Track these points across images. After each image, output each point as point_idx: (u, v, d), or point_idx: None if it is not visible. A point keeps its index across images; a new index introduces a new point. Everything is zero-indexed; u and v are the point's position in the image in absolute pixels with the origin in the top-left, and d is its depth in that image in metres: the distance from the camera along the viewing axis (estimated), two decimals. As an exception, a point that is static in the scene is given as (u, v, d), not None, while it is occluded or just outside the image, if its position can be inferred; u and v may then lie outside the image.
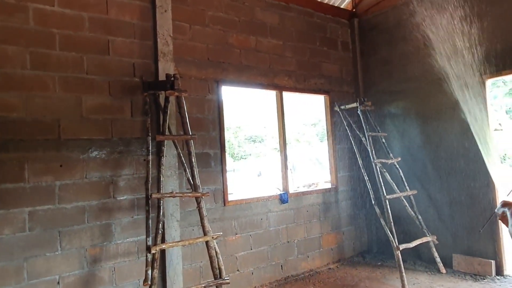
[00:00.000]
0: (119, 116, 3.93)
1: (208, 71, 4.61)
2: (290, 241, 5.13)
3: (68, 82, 3.66)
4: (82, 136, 3.69)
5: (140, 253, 3.89)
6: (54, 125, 3.55)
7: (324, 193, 5.66)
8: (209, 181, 4.45)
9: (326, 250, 5.53)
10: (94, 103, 3.78)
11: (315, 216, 5.45)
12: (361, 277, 4.97)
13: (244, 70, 4.95)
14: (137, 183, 3.95)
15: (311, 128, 22.10)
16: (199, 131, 4.40)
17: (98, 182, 3.73)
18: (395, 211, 5.18)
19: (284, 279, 4.95)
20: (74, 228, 3.56)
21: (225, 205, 4.55)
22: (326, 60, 5.94)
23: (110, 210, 3.77)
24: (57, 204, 3.50)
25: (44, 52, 3.56)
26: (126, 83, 4.00)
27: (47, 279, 3.39)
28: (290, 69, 5.44)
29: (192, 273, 4.21)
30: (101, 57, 3.88)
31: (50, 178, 3.48)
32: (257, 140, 21.46)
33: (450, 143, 5.06)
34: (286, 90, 5.38)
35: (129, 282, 3.80)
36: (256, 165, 16.37)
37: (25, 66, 3.45)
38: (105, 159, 3.79)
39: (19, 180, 3.34)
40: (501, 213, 1.48)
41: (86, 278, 3.58)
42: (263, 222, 4.89)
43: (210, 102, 4.61)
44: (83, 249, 3.58)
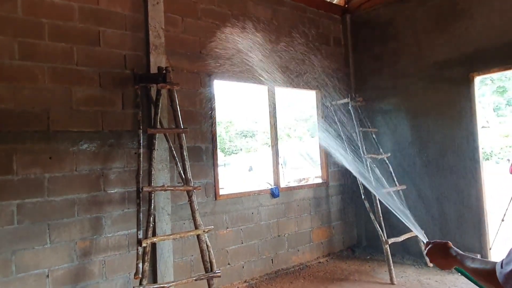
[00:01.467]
0: (110, 109, 3.88)
1: (200, 64, 4.58)
2: (280, 235, 5.16)
3: (58, 73, 3.60)
4: (72, 128, 3.64)
5: (131, 246, 3.87)
6: (43, 117, 3.50)
7: (315, 187, 5.70)
8: (201, 175, 4.44)
9: (316, 244, 5.58)
10: (84, 95, 3.73)
11: (305, 211, 5.49)
12: (350, 271, 5.03)
13: (236, 65, 4.91)
14: (128, 176, 3.92)
15: (302, 124, 22.16)
16: (190, 125, 4.38)
17: (88, 175, 3.70)
18: (384, 206, 5.23)
19: (275, 273, 4.98)
20: (64, 221, 3.52)
21: (216, 199, 4.55)
22: (318, 55, 5.94)
23: (100, 203, 3.74)
24: (46, 197, 3.45)
25: (32, 42, 3.49)
26: (117, 75, 3.95)
27: (36, 273, 3.35)
28: (283, 65, 5.43)
29: (183, 266, 4.21)
30: (92, 48, 3.82)
31: (39, 170, 3.43)
32: (248, 135, 21.46)
33: (439, 139, 5.13)
34: (278, 86, 5.37)
35: (119, 276, 3.79)
36: (247, 160, 16.38)
37: (13, 57, 3.38)
38: (95, 152, 3.75)
39: (7, 172, 3.29)
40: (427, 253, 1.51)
41: (76, 271, 3.55)
42: (254, 216, 4.90)
43: (202, 95, 4.59)
44: (72, 242, 3.55)
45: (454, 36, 4.95)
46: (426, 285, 4.37)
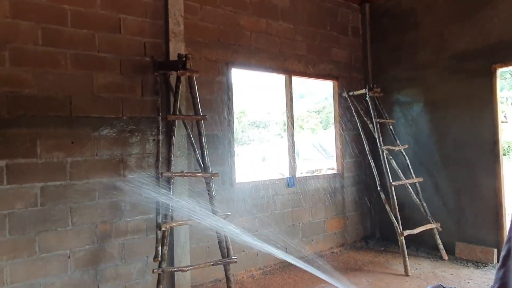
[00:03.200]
0: (130, 95, 3.94)
1: (218, 52, 4.59)
2: (295, 224, 5.19)
3: (80, 59, 3.66)
4: (93, 114, 3.70)
5: (149, 231, 3.95)
6: (66, 102, 3.57)
7: (330, 178, 5.70)
8: (217, 163, 4.48)
9: (330, 234, 5.60)
10: (105, 82, 3.79)
11: (320, 201, 5.50)
12: (364, 262, 5.04)
13: (254, 53, 4.92)
14: (146, 162, 3.98)
15: (315, 115, 22.05)
16: (208, 113, 4.39)
17: (108, 160, 3.77)
18: (400, 198, 5.21)
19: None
20: (85, 204, 3.61)
21: (232, 186, 4.59)
22: (336, 45, 5.89)
23: (120, 188, 3.81)
24: (69, 180, 3.54)
25: (55, 28, 3.54)
26: (137, 62, 3.99)
27: (58, 253, 3.45)
28: (300, 54, 5.41)
29: (199, 252, 4.28)
30: (113, 35, 3.86)
31: (61, 154, 3.51)
32: (260, 125, 21.46)
33: (458, 132, 5.06)
34: (296, 75, 5.36)
35: (138, 259, 3.87)
36: (259, 150, 16.41)
37: (37, 42, 3.45)
38: (115, 138, 3.82)
39: (31, 155, 3.38)
40: None
41: (97, 253, 3.65)
42: (269, 205, 4.93)
43: (220, 84, 4.61)
44: (93, 225, 3.64)
45: (476, 26, 4.84)
46: (441, 278, 4.36)
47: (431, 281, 4.25)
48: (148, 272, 3.91)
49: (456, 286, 4.07)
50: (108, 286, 3.69)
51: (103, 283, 3.66)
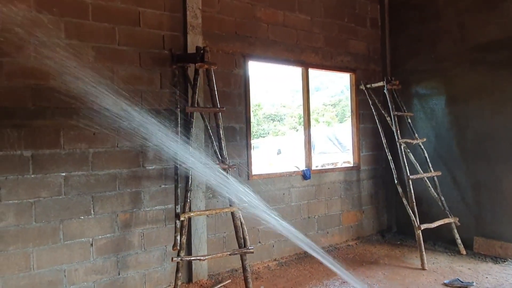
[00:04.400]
0: (149, 88, 4.00)
1: (235, 45, 4.61)
2: (310, 217, 5.21)
3: (101, 52, 3.74)
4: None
5: (167, 220, 4.03)
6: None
7: (346, 171, 5.68)
8: (234, 155, 4.52)
9: (346, 227, 5.60)
10: (125, 74, 3.86)
11: (336, 194, 5.50)
12: (380, 255, 5.04)
13: (271, 46, 4.92)
14: (165, 153, 4.05)
15: (331, 109, 21.89)
16: (225, 105, 4.42)
17: (128, 151, 3.85)
18: (417, 191, 5.15)
19: (304, 253, 5.05)
20: (106, 194, 3.71)
21: (249, 179, 4.64)
22: (354, 37, 5.83)
23: (139, 179, 3.90)
24: (91, 171, 3.64)
25: (78, 21, 3.62)
26: (155, 55, 4.05)
27: (81, 241, 3.57)
28: (317, 46, 5.38)
29: (215, 242, 4.35)
30: (132, 28, 3.92)
31: (84, 145, 3.61)
32: (276, 118, 21.43)
33: (478, 125, 4.96)
34: (312, 67, 5.34)
35: (157, 247, 3.97)
36: (274, 143, 16.41)
37: (60, 36, 3.53)
38: (135, 129, 3.89)
39: (55, 146, 3.48)
40: None
41: (117, 241, 3.75)
42: (285, 197, 4.96)
43: (236, 76, 4.63)
44: (114, 214, 3.74)
45: (501, 16, 4.71)
46: (459, 272, 4.32)
47: (448, 275, 4.22)
48: (167, 260, 4.01)
49: (474, 281, 4.03)
50: (129, 273, 3.80)
51: (124, 270, 3.78)
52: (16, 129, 3.30)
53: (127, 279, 3.80)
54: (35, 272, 3.34)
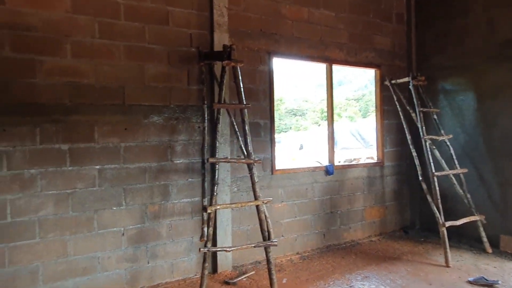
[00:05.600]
0: (177, 85, 4.14)
1: (260, 42, 4.69)
2: (333, 212, 5.26)
3: (132, 51, 3.89)
4: (144, 103, 3.95)
5: (194, 213, 4.18)
6: (120, 91, 3.83)
7: (370, 167, 5.69)
8: (259, 150, 4.62)
9: (369, 222, 5.62)
10: (154, 72, 4.01)
11: (359, 189, 5.52)
12: (403, 251, 5.04)
13: (295, 42, 4.97)
14: (192, 148, 4.20)
15: (354, 103, 21.67)
16: (250, 101, 4.51)
17: (157, 145, 4.01)
18: (442, 188, 5.10)
19: (326, 247, 5.12)
20: (137, 187, 3.89)
21: (272, 173, 4.73)
22: (379, 32, 5.79)
23: (167, 172, 4.06)
24: (122, 164, 3.82)
25: (110, 22, 3.79)
26: (183, 53, 4.18)
27: (114, 230, 3.77)
28: (342, 42, 5.38)
29: (240, 235, 4.48)
30: (161, 27, 4.06)
31: (116, 140, 3.79)
32: (297, 113, 21.39)
33: (506, 122, 4.86)
34: (336, 63, 5.36)
35: (184, 238, 4.13)
36: (296, 138, 16.43)
37: (94, 35, 3.71)
38: (163, 125, 4.05)
39: (89, 140, 3.68)
40: None
41: (147, 232, 3.93)
42: (308, 192, 5.03)
43: (261, 73, 4.71)
44: (144, 205, 3.92)
45: (532, 10, 4.59)
46: (484, 270, 4.28)
47: (473, 273, 4.20)
48: (193, 251, 4.16)
49: (500, 280, 3.99)
50: (157, 262, 3.98)
51: (153, 259, 3.96)
52: (54, 124, 3.50)
53: (156, 267, 3.98)
54: (71, 258, 3.55)
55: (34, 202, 3.40)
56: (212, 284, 3.99)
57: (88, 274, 3.62)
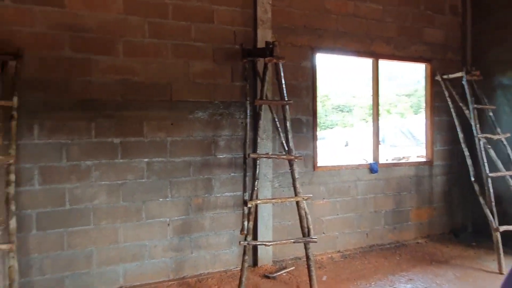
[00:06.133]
0: (221, 81, 4.25)
1: (303, 38, 4.66)
2: (377, 211, 5.13)
3: (179, 49, 4.05)
4: (189, 99, 4.10)
5: (236, 207, 4.28)
6: (167, 88, 4.00)
7: (417, 166, 5.46)
8: (300, 146, 4.61)
9: (415, 224, 5.41)
10: (199, 69, 4.14)
11: (405, 189, 5.33)
12: (452, 255, 4.80)
13: (339, 37, 4.88)
14: (235, 144, 4.29)
15: (405, 99, 20.78)
16: (292, 98, 4.49)
17: (201, 140, 4.15)
18: (497, 190, 4.78)
19: (369, 247, 5.02)
20: (181, 180, 4.06)
21: (314, 170, 4.71)
22: (430, 25, 5.52)
23: (211, 166, 4.19)
24: (168, 157, 4.00)
25: (159, 21, 3.96)
26: (227, 50, 4.27)
27: (160, 220, 3.97)
28: (389, 36, 5.20)
29: (280, 230, 4.52)
30: (206, 25, 4.18)
31: (163, 134, 3.98)
32: (344, 110, 20.93)
33: None
34: (383, 58, 5.19)
35: (225, 231, 4.25)
36: (342, 135, 16.10)
37: (144, 35, 3.90)
38: (208, 120, 4.18)
39: (139, 135, 3.89)
40: None
41: (190, 223, 4.10)
42: (351, 190, 4.95)
43: (304, 69, 4.69)
44: (188, 198, 4.08)
45: None
46: (543, 280, 3.97)
47: (530, 282, 3.90)
48: (234, 244, 4.27)
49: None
50: (200, 253, 4.14)
51: (196, 250, 4.12)
52: (107, 119, 3.75)
53: (199, 258, 4.14)
54: (122, 245, 3.80)
55: (89, 192, 3.67)
56: (252, 277, 4.07)
57: (136, 261, 3.85)
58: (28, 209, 3.43)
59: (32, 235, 3.45)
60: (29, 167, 3.44)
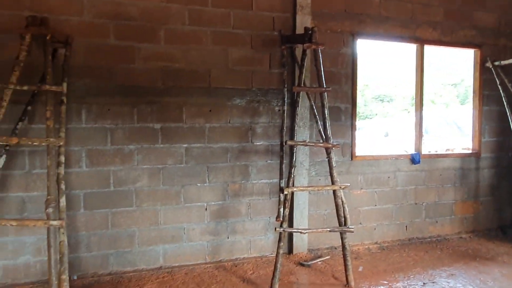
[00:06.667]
0: (258, 68, 4.24)
1: (344, 23, 4.53)
2: (418, 203, 4.95)
3: (218, 36, 4.08)
4: (227, 86, 4.13)
5: (272, 194, 4.30)
6: (206, 75, 4.06)
7: (463, 158, 5.20)
8: (338, 135, 4.53)
9: (459, 218, 5.17)
10: (238, 56, 4.16)
11: (449, 181, 5.09)
12: (498, 252, 4.56)
13: (382, 22, 4.70)
14: (271, 131, 4.29)
15: (451, 89, 19.78)
16: (331, 85, 4.39)
17: (239, 127, 4.19)
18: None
19: (408, 240, 4.87)
20: (219, 165, 4.12)
21: (352, 159, 4.61)
22: (481, 8, 5.17)
23: (248, 153, 4.22)
24: (206, 143, 4.08)
25: (199, 9, 4.00)
26: (266, 36, 4.25)
27: (198, 205, 4.07)
28: (436, 20, 4.94)
29: (316, 218, 4.49)
30: (245, 12, 4.17)
31: (201, 120, 4.05)
32: (384, 99, 20.27)
33: None
34: (429, 44, 4.94)
35: (261, 217, 4.29)
36: (382, 125, 15.62)
37: (184, 22, 3.96)
38: (245, 107, 4.20)
39: (178, 120, 3.98)
40: None
41: (227, 208, 4.17)
42: (390, 180, 4.81)
43: (344, 56, 4.58)
44: (225, 183, 4.15)
45: None
46: None
47: None
48: (270, 230, 4.30)
49: None
50: (236, 238, 4.21)
51: (232, 235, 4.19)
52: (149, 105, 3.87)
53: (235, 243, 4.21)
54: (162, 227, 3.94)
55: (132, 174, 3.83)
56: (287, 264, 4.09)
57: (175, 242, 3.99)
58: (77, 189, 3.65)
59: (80, 213, 3.67)
60: (77, 149, 3.64)
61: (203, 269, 3.98)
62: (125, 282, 3.65)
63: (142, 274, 3.79)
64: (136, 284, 3.61)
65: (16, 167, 3.48)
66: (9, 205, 3.48)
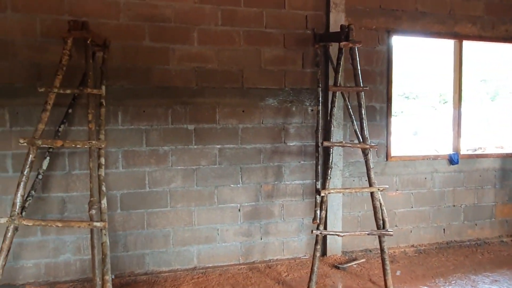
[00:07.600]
0: (291, 67, 4.18)
1: (379, 20, 4.41)
2: (456, 205, 4.77)
3: (250, 36, 4.04)
4: (260, 86, 4.09)
5: (305, 195, 4.24)
6: (239, 75, 4.03)
7: (504, 158, 4.97)
8: (373, 135, 4.41)
9: (500, 221, 4.96)
10: (270, 55, 4.11)
11: (489, 183, 4.89)
12: (544, 257, 4.34)
13: (419, 18, 4.54)
14: (304, 131, 4.23)
15: (482, 85, 19.09)
16: (366, 84, 4.29)
17: (272, 127, 4.14)
18: None
19: (446, 243, 4.70)
20: (252, 166, 4.09)
21: (387, 160, 4.49)
22: (525, -1, 4.92)
23: (281, 154, 4.17)
24: (240, 144, 4.05)
25: (231, 9, 3.97)
26: (299, 35, 4.18)
27: (231, 205, 4.06)
28: (475, 14, 4.73)
29: (350, 220, 4.40)
30: (278, 11, 4.11)
31: (234, 121, 4.03)
32: (410, 96, 19.78)
33: None
34: (468, 39, 4.74)
35: (294, 219, 4.23)
36: (409, 123, 15.24)
37: (217, 23, 3.94)
38: (278, 107, 4.15)
39: (211, 121, 3.98)
40: None
41: (260, 209, 4.14)
42: (427, 182, 4.65)
43: (379, 53, 4.45)
44: (258, 184, 4.12)
45: None
46: None
47: None
48: (303, 232, 4.24)
49: None
50: (269, 239, 4.17)
51: (265, 236, 4.16)
52: (183, 105, 3.88)
53: (268, 244, 4.18)
54: (196, 227, 3.95)
55: (167, 175, 3.85)
56: (322, 267, 4.02)
57: (209, 243, 3.99)
58: (114, 190, 3.70)
59: (117, 214, 3.72)
60: (114, 151, 3.69)
61: (237, 270, 3.96)
62: (161, 282, 3.68)
63: (177, 274, 3.81)
64: (172, 284, 3.63)
65: (57, 168, 3.56)
66: (51, 205, 3.57)
